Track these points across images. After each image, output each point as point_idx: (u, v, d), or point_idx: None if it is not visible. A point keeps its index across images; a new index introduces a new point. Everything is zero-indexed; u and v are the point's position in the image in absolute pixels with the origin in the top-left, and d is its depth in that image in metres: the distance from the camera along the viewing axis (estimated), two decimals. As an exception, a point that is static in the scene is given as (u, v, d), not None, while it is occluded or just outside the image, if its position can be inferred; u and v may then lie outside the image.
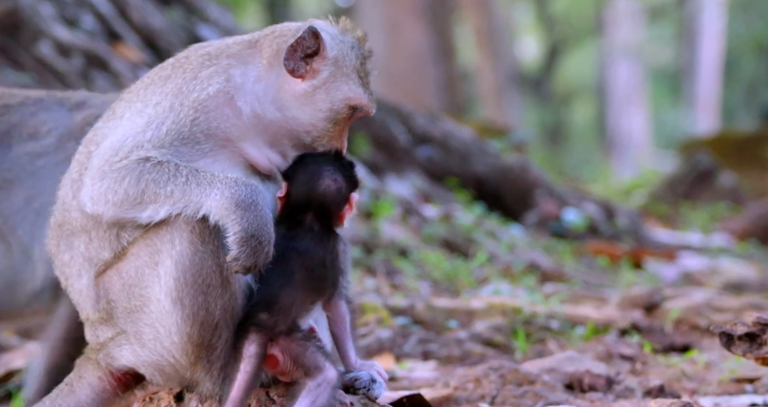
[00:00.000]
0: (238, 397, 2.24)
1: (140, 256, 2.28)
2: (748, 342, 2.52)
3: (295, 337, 2.27)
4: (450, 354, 3.76)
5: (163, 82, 2.35)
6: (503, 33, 16.51)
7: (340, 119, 2.36)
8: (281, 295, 2.28)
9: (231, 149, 2.33)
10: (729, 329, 2.54)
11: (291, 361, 2.26)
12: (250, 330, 2.28)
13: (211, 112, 2.30)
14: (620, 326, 4.01)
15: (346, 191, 2.36)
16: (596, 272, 5.93)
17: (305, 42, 2.34)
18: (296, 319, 2.29)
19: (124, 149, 2.25)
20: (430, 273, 5.14)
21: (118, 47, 6.06)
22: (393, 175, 6.82)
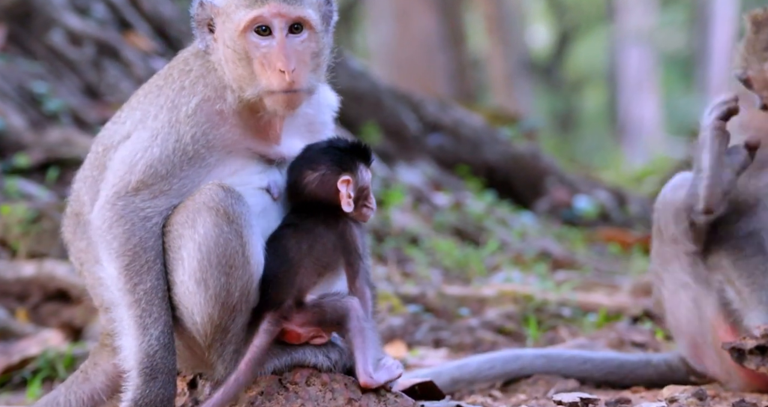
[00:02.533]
0: (244, 369, 2.27)
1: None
2: (760, 356, 2.52)
3: (308, 308, 2.30)
4: (461, 341, 3.77)
5: (158, 92, 2.41)
6: (514, 20, 16.42)
7: (255, 49, 2.30)
8: (280, 273, 2.32)
9: (237, 150, 2.37)
10: (739, 344, 2.54)
11: (317, 327, 2.30)
12: (262, 309, 2.30)
13: (204, 124, 2.35)
14: (632, 313, 4.01)
15: (331, 177, 2.35)
16: (608, 259, 5.92)
17: (199, 15, 2.33)
18: (303, 293, 2.32)
19: (136, 168, 2.33)
20: (441, 261, 5.15)
21: (130, 36, 6.07)
22: (403, 163, 6.82)
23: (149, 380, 2.27)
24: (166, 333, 2.29)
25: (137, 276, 2.29)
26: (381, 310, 3.94)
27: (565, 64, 23.20)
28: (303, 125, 2.48)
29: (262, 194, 2.39)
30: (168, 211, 2.33)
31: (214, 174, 2.35)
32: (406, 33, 12.43)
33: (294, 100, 2.33)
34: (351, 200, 2.35)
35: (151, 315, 2.28)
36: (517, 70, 15.53)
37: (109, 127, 2.47)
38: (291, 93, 2.32)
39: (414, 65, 12.33)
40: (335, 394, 2.31)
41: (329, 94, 2.54)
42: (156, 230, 2.32)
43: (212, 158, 2.35)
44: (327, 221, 2.36)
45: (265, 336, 2.30)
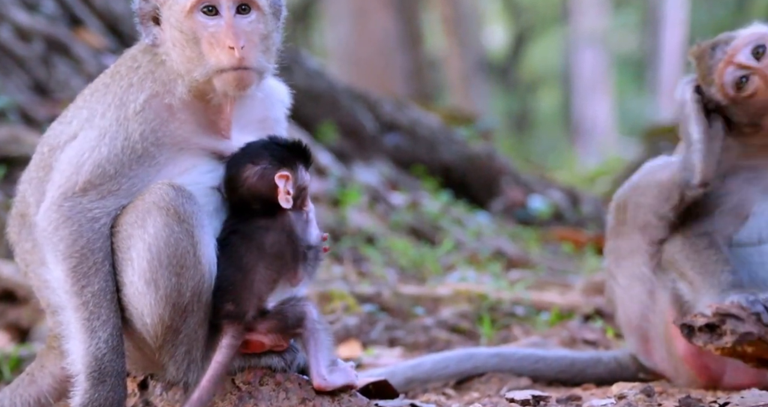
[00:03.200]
0: (207, 387, 2.25)
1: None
2: (708, 333, 2.58)
3: (271, 315, 2.29)
4: (416, 340, 3.79)
5: (105, 90, 2.37)
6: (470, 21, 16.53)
7: (203, 29, 2.29)
8: (236, 282, 2.29)
9: (187, 148, 2.34)
10: (690, 320, 2.60)
11: (280, 335, 2.29)
12: (222, 323, 2.28)
13: (153, 121, 2.32)
14: (584, 311, 4.07)
15: (271, 172, 2.34)
16: (561, 258, 6.01)
17: (142, 9, 2.33)
18: (263, 300, 2.30)
19: (84, 168, 2.28)
20: (397, 261, 5.16)
21: (80, 32, 5.96)
22: (360, 162, 6.82)
23: (97, 384, 2.24)
24: (115, 335, 2.25)
25: (85, 278, 2.25)
26: (336, 309, 3.94)
27: (520, 65, 23.44)
28: (255, 121, 2.46)
29: (214, 193, 2.37)
30: (116, 211, 2.30)
31: (164, 173, 2.32)
32: (364, 33, 12.43)
33: (244, 78, 2.29)
34: (289, 197, 2.33)
35: (99, 318, 2.25)
36: (473, 70, 15.65)
37: (54, 127, 2.43)
38: (241, 70, 2.28)
39: (371, 65, 12.34)
40: (289, 394, 2.30)
41: (282, 90, 2.52)
42: (104, 231, 2.28)
43: (162, 156, 2.32)
44: (266, 222, 2.34)
45: (228, 352, 2.27)
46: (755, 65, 2.72)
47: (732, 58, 2.73)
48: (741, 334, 2.53)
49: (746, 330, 2.54)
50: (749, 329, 2.54)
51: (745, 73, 2.73)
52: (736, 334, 2.53)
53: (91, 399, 2.24)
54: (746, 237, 2.80)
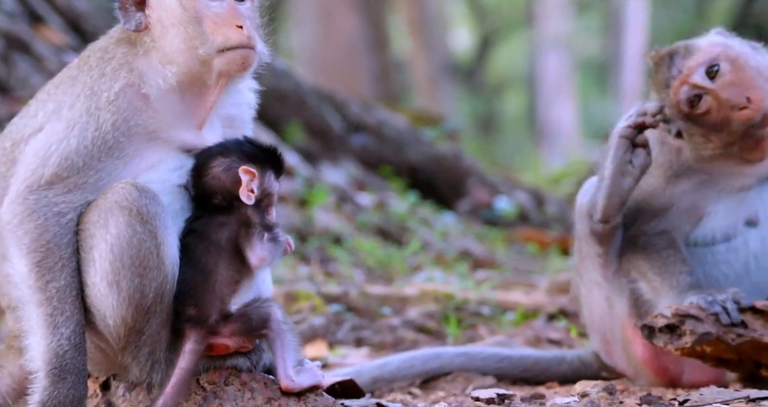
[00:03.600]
0: (172, 393, 2.23)
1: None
2: (668, 334, 2.62)
3: (235, 318, 2.28)
4: (383, 340, 3.79)
5: (72, 82, 2.34)
6: (436, 23, 16.61)
7: (206, 8, 2.29)
8: (197, 286, 2.27)
9: (157, 140, 2.32)
10: (650, 322, 2.64)
11: (245, 337, 2.27)
12: (185, 327, 2.26)
13: (126, 110, 2.30)
14: (548, 311, 4.11)
15: (236, 165, 2.33)
16: (526, 258, 6.06)
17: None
18: (225, 303, 2.28)
19: (50, 161, 2.25)
20: (364, 261, 5.17)
21: (41, 30, 5.87)
22: (327, 163, 6.81)
23: (58, 381, 2.20)
24: (78, 332, 2.22)
25: (50, 273, 2.22)
26: (303, 309, 3.93)
27: (486, 67, 23.60)
28: (225, 119, 2.45)
29: (180, 191, 2.35)
30: (83, 207, 2.26)
31: (131, 167, 2.29)
32: (330, 34, 12.42)
33: (250, 57, 2.30)
34: (252, 195, 2.32)
35: (63, 314, 2.21)
36: (439, 73, 15.72)
37: (17, 122, 2.38)
38: (248, 49, 2.29)
39: (338, 67, 12.33)
40: (254, 394, 2.29)
41: (250, 93, 2.52)
42: (71, 226, 2.24)
43: (131, 147, 2.29)
44: (225, 218, 2.31)
45: (191, 357, 2.25)
46: (708, 86, 2.76)
47: (687, 78, 2.78)
48: (700, 334, 2.58)
49: (705, 331, 2.59)
50: (708, 329, 2.59)
51: (698, 92, 2.77)
52: (696, 335, 2.58)
53: (50, 396, 2.20)
54: (701, 237, 2.85)
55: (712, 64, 2.77)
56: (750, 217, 2.81)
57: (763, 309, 2.63)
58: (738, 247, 2.80)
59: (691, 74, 2.77)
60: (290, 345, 2.29)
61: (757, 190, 2.83)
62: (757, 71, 2.78)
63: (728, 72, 2.76)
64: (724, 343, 2.60)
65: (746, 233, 2.80)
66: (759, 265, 2.79)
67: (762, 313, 2.63)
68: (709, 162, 2.83)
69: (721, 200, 2.84)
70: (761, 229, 2.80)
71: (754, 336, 2.60)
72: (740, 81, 2.75)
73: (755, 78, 2.76)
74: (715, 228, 2.84)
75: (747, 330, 2.61)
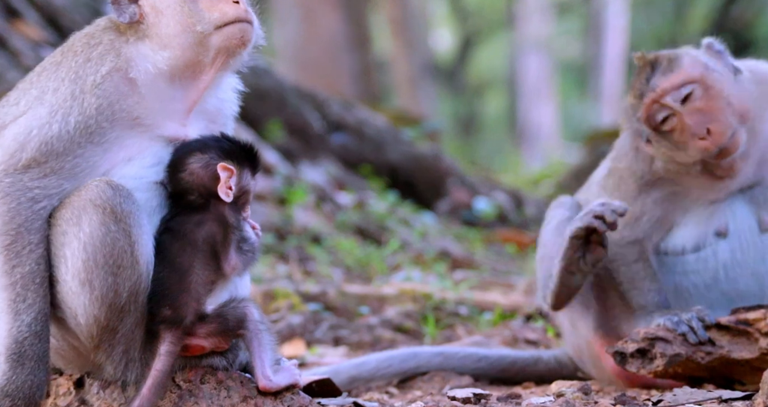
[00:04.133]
0: (148, 395, 2.21)
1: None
2: (640, 358, 2.64)
3: (211, 319, 2.26)
4: (361, 339, 3.79)
5: (55, 68, 2.32)
6: (418, 23, 16.63)
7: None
8: (173, 286, 2.25)
9: (139, 128, 2.30)
10: (621, 347, 2.66)
11: (221, 337, 2.26)
12: (160, 328, 2.25)
13: (112, 94, 2.28)
14: (526, 311, 4.13)
15: (214, 161, 2.32)
16: (504, 259, 6.09)
17: None
18: (201, 303, 2.27)
19: (30, 145, 2.23)
20: (342, 260, 5.16)
21: (18, 25, 5.80)
22: (307, 162, 6.80)
23: (16, 366, 2.18)
24: (39, 320, 2.19)
25: (17, 258, 2.20)
26: (281, 308, 3.92)
27: (467, 68, 23.67)
28: (208, 113, 2.43)
29: (158, 188, 2.33)
30: (57, 196, 2.24)
31: (110, 156, 2.27)
32: (312, 33, 12.40)
33: (248, 31, 2.30)
34: (230, 192, 2.32)
35: (26, 301, 2.19)
36: (420, 73, 15.74)
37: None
38: (246, 23, 2.30)
39: (319, 66, 12.31)
40: (230, 392, 2.28)
41: (232, 93, 2.51)
42: (43, 213, 2.22)
43: (113, 133, 2.26)
44: (202, 216, 2.30)
45: (168, 359, 2.23)
46: (677, 109, 2.78)
47: (659, 97, 2.80)
48: (670, 356, 2.61)
49: (675, 352, 2.61)
50: (677, 350, 2.62)
51: (668, 112, 2.80)
52: (666, 357, 2.60)
53: (9, 381, 2.19)
54: (671, 247, 2.89)
55: (687, 86, 2.78)
56: (719, 228, 2.84)
57: (728, 325, 2.66)
58: (707, 258, 2.83)
59: (664, 95, 2.79)
60: (267, 345, 2.28)
61: (728, 202, 2.86)
62: (728, 103, 2.78)
63: (699, 98, 2.78)
64: (695, 362, 2.63)
65: (716, 245, 2.83)
66: (728, 276, 2.82)
67: (728, 329, 2.66)
68: (677, 176, 2.86)
69: (692, 211, 2.87)
70: (730, 241, 2.83)
71: (722, 352, 2.63)
72: (707, 110, 2.77)
73: (722, 110, 2.77)
74: (686, 238, 2.87)
75: (715, 347, 2.64)
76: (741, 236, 2.82)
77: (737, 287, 2.81)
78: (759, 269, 2.80)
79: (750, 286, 2.80)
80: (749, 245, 2.82)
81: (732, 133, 2.77)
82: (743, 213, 2.84)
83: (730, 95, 2.80)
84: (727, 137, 2.76)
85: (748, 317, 2.66)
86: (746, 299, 2.79)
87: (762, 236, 2.81)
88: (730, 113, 2.79)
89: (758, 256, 2.80)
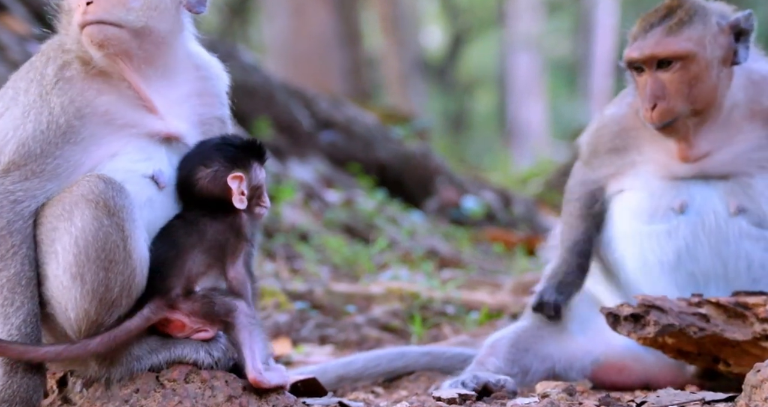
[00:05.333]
0: (99, 341, 2.20)
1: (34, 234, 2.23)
2: (633, 323, 2.65)
3: (196, 297, 2.26)
4: (347, 338, 3.79)
5: (28, 69, 2.34)
6: (408, 21, 16.62)
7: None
8: (168, 259, 2.27)
9: (113, 123, 2.29)
10: (615, 309, 2.67)
11: (202, 318, 2.25)
12: (147, 298, 2.24)
13: (69, 90, 2.29)
14: (513, 311, 4.14)
15: (224, 173, 2.32)
16: (492, 258, 6.09)
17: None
18: (192, 281, 2.27)
19: (7, 148, 2.24)
20: (330, 258, 5.15)
21: (4, 19, 5.76)
22: (295, 159, 6.78)
23: (10, 371, 2.18)
24: (29, 322, 2.19)
25: (1, 262, 2.19)
26: (267, 306, 3.91)
27: (458, 66, 23.67)
28: (193, 95, 2.41)
29: (148, 183, 2.32)
30: (42, 196, 2.24)
31: (91, 154, 2.27)
32: (302, 29, 12.36)
33: (95, 33, 2.27)
34: (243, 198, 2.33)
35: (14, 304, 2.18)
36: (411, 70, 15.74)
37: None
38: (91, 26, 2.27)
39: (309, 62, 12.28)
40: (215, 391, 2.27)
41: (217, 65, 2.47)
42: (26, 214, 2.21)
43: (86, 131, 2.26)
44: (217, 215, 2.33)
45: (140, 321, 2.23)
46: (649, 70, 2.77)
47: (642, 53, 2.77)
48: (663, 326, 2.61)
49: (669, 322, 2.62)
50: (672, 321, 2.62)
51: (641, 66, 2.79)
52: (659, 325, 2.61)
53: (4, 386, 2.18)
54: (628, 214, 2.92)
55: (676, 57, 2.75)
56: (678, 204, 2.84)
57: (726, 305, 2.67)
58: (669, 232, 2.83)
59: (649, 52, 2.76)
60: (258, 339, 2.28)
61: (691, 182, 2.85)
62: (695, 88, 2.76)
63: (672, 72, 2.76)
64: (686, 335, 2.63)
65: (675, 220, 2.83)
66: (690, 254, 2.83)
67: (725, 308, 2.67)
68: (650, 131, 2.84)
69: (650, 183, 2.87)
70: (692, 219, 2.82)
71: (716, 330, 2.64)
72: (669, 87, 2.76)
73: (681, 94, 2.76)
74: (642, 207, 2.87)
75: (709, 324, 2.65)
76: (705, 217, 2.82)
77: (702, 268, 2.82)
78: (723, 251, 2.81)
79: (716, 268, 2.82)
80: (714, 226, 2.82)
81: (673, 119, 2.77)
82: (710, 196, 2.84)
83: (704, 83, 2.78)
84: (665, 121, 2.76)
85: (747, 301, 2.68)
86: (713, 281, 2.81)
87: (729, 220, 2.81)
88: (687, 98, 2.77)
89: (722, 238, 2.81)
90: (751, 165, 2.83)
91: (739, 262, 2.81)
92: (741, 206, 2.82)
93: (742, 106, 2.84)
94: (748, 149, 2.84)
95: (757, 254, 2.81)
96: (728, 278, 2.81)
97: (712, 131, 2.83)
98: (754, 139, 2.84)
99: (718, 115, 2.83)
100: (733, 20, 2.81)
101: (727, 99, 2.82)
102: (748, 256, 2.81)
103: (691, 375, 2.87)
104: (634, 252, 2.87)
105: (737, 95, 2.84)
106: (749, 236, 2.81)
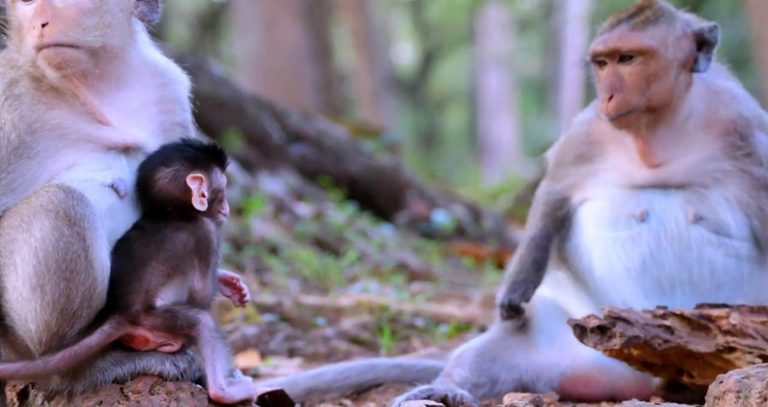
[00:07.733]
0: (60, 358, 2.16)
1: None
2: (599, 335, 2.67)
3: (158, 312, 2.23)
4: (316, 351, 3.77)
5: None
6: (380, 37, 16.71)
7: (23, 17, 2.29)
8: (124, 273, 2.24)
9: (67, 137, 2.27)
10: (582, 321, 2.69)
11: (165, 333, 2.22)
12: (107, 312, 2.21)
13: (18, 107, 2.28)
14: (482, 323, 4.15)
15: (184, 174, 2.30)
16: (462, 272, 6.11)
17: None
18: (152, 296, 2.24)
19: None
20: (300, 271, 5.13)
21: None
22: (266, 172, 6.76)
23: None
24: None
25: None
26: (235, 319, 3.88)
27: (429, 82, 23.83)
28: (150, 103, 2.38)
29: (108, 191, 2.30)
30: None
31: (47, 167, 2.24)
32: (273, 44, 12.37)
33: (52, 56, 2.24)
34: (204, 200, 2.30)
35: None
36: (382, 86, 15.81)
37: None
38: (47, 48, 2.24)
39: (281, 77, 12.28)
40: (180, 403, 2.24)
41: (176, 70, 2.46)
42: None
43: (39, 146, 2.24)
44: (178, 223, 2.30)
45: (101, 337, 2.19)
46: (610, 63, 2.83)
47: (607, 47, 2.83)
48: (629, 337, 2.64)
49: (634, 334, 2.64)
50: (637, 333, 2.65)
51: (604, 59, 2.85)
52: (625, 337, 2.63)
53: None
54: (588, 222, 2.96)
55: (638, 52, 2.80)
56: (638, 212, 2.88)
57: (690, 317, 2.70)
58: (632, 239, 2.87)
59: (613, 46, 2.81)
60: (221, 353, 2.25)
61: (651, 192, 2.89)
62: (652, 85, 2.81)
63: (632, 66, 2.81)
64: (651, 347, 2.66)
65: (637, 227, 2.88)
66: (655, 261, 2.87)
67: (689, 321, 2.70)
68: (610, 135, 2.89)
69: (612, 191, 2.92)
70: (653, 227, 2.87)
71: (680, 342, 2.67)
72: (626, 81, 2.81)
73: (638, 89, 2.81)
74: (604, 214, 2.91)
75: (673, 336, 2.68)
76: (666, 225, 2.87)
77: (667, 274, 2.86)
78: (686, 257, 2.85)
79: (681, 274, 2.86)
80: (675, 233, 2.86)
81: (628, 111, 2.82)
82: (669, 204, 2.89)
83: (662, 82, 2.82)
84: (620, 112, 2.81)
85: (711, 313, 2.71)
86: (678, 287, 2.85)
87: (689, 227, 2.85)
88: (644, 93, 2.82)
89: (684, 245, 2.85)
90: (706, 176, 2.88)
91: (703, 267, 2.85)
92: (698, 214, 2.86)
93: (699, 115, 2.90)
94: (703, 160, 2.89)
95: (720, 260, 2.85)
96: (693, 283, 2.85)
97: (669, 138, 2.88)
98: (708, 150, 2.89)
99: (674, 119, 2.87)
100: (697, 29, 2.88)
101: (684, 104, 2.87)
102: (711, 261, 2.85)
103: (657, 387, 2.90)
104: (601, 259, 2.90)
105: (696, 104, 2.89)
106: (710, 243, 2.86)
